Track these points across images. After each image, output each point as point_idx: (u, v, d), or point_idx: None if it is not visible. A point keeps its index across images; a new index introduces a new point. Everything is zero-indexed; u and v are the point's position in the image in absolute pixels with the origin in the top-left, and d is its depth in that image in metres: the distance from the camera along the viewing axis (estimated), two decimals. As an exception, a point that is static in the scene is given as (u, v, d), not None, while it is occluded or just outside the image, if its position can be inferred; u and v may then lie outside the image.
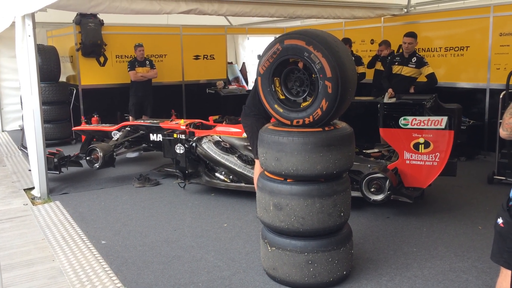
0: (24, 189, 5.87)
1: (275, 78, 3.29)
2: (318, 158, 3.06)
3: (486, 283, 3.33)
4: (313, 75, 3.14)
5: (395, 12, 8.12)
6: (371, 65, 8.03)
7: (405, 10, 8.12)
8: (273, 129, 3.24)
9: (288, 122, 3.25)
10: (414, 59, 6.39)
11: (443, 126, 4.42)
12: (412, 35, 6.43)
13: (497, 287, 2.48)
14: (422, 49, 7.77)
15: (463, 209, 4.86)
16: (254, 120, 4.38)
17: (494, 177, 5.73)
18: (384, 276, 3.46)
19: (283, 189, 3.17)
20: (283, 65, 3.25)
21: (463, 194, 5.36)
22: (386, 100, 5.98)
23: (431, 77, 6.37)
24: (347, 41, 7.80)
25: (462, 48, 7.27)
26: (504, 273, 2.44)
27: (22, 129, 8.23)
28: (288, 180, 3.19)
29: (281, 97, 3.30)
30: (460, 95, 7.16)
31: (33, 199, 5.53)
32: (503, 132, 2.33)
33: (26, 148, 6.69)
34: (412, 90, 6.40)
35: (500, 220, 2.38)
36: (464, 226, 4.41)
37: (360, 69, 7.71)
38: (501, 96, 5.79)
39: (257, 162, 4.75)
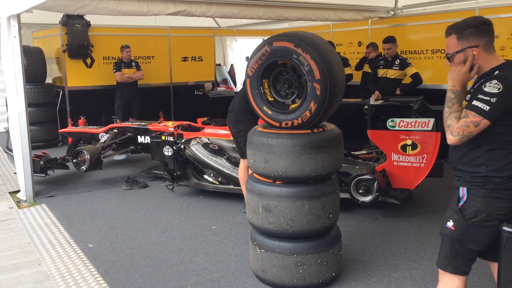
0: (10, 192, 5.79)
1: (263, 80, 3.29)
2: (307, 160, 3.07)
3: (474, 283, 3.36)
4: (302, 77, 3.15)
5: (382, 15, 8.17)
6: (358, 67, 8.09)
7: (392, 12, 8.18)
8: (262, 131, 3.24)
9: (277, 124, 3.25)
10: (397, 61, 6.58)
11: (430, 128, 4.45)
12: (389, 40, 6.62)
13: None
14: (409, 51, 7.84)
15: (450, 210, 4.90)
16: (249, 124, 4.34)
17: (480, 178, 5.78)
18: (373, 277, 3.48)
19: (272, 191, 3.17)
20: (272, 67, 3.26)
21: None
22: (372, 102, 6.03)
23: (416, 76, 6.50)
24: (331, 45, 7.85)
25: (449, 50, 7.34)
26: (444, 280, 2.45)
27: (7, 131, 8.12)
28: (277, 182, 3.19)
29: (270, 99, 3.31)
30: (447, 97, 7.22)
31: (18, 202, 5.45)
32: (453, 138, 2.25)
33: (11, 150, 6.62)
34: (398, 92, 6.47)
35: (450, 223, 2.37)
36: (451, 226, 4.45)
37: (347, 70, 7.75)
38: (486, 98, 5.85)
39: (241, 162, 4.75)
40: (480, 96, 2.17)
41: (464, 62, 2.29)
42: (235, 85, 12.52)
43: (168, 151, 5.59)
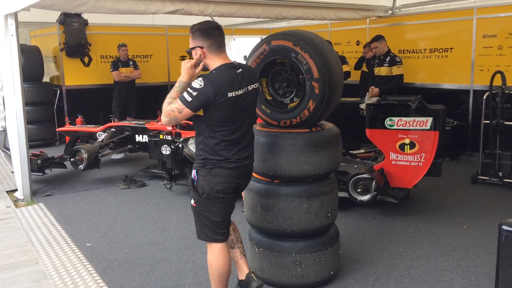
0: (7, 191, 5.77)
1: (262, 79, 3.28)
2: (305, 158, 3.07)
3: (471, 282, 3.37)
4: (300, 76, 3.15)
5: (380, 14, 8.18)
6: (357, 66, 8.09)
7: (390, 12, 8.18)
8: (260, 130, 3.24)
9: (275, 123, 3.25)
10: (388, 59, 6.60)
11: (428, 127, 4.46)
12: (374, 39, 6.72)
13: (208, 262, 2.87)
14: (407, 50, 7.85)
15: (448, 209, 4.91)
16: None
17: (478, 177, 5.81)
18: (371, 276, 3.48)
19: (271, 190, 3.17)
20: (270, 65, 3.25)
21: (447, 194, 5.42)
22: (367, 99, 6.04)
23: (397, 78, 6.53)
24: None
25: (446, 49, 7.36)
26: (209, 247, 2.85)
27: (4, 130, 8.09)
28: (275, 181, 3.19)
29: (268, 97, 3.31)
30: (444, 96, 7.24)
31: (16, 201, 5.44)
32: (163, 119, 2.65)
33: (8, 149, 6.59)
34: (373, 92, 6.35)
35: (192, 201, 2.78)
36: (449, 225, 4.46)
37: (345, 68, 7.75)
38: (484, 97, 5.87)
39: None
40: (188, 88, 2.58)
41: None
42: (233, 84, 12.49)
43: (166, 150, 5.58)
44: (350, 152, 5.41)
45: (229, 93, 2.59)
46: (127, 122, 6.90)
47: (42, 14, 7.22)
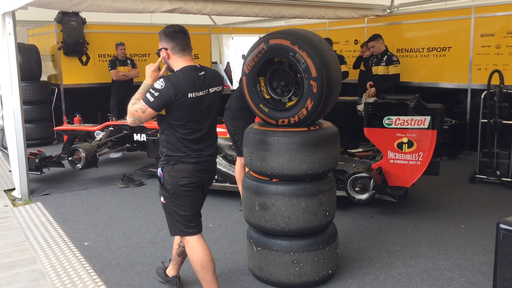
0: (5, 190, 5.76)
1: (260, 78, 3.28)
2: (303, 157, 3.07)
3: (469, 280, 3.37)
4: (298, 75, 3.15)
5: (379, 13, 8.18)
6: (356, 66, 8.09)
7: (388, 11, 8.19)
8: (258, 129, 3.23)
9: (274, 122, 3.24)
10: (385, 58, 6.61)
11: (426, 126, 4.46)
12: (372, 38, 6.72)
13: (189, 257, 2.95)
14: (405, 49, 7.86)
15: (445, 208, 4.92)
16: (246, 122, 4.35)
17: (476, 176, 5.82)
18: (369, 275, 3.48)
19: (269, 189, 3.17)
20: (269, 64, 3.25)
21: (445, 193, 5.43)
22: (364, 99, 6.04)
23: (394, 77, 6.53)
24: (328, 42, 7.86)
25: (444, 48, 7.37)
26: (186, 242, 2.94)
27: (2, 129, 8.07)
28: (273, 180, 3.19)
29: (266, 96, 3.30)
30: (443, 95, 7.24)
31: (13, 200, 5.43)
32: (128, 119, 2.77)
33: (6, 148, 6.57)
34: (370, 92, 6.36)
35: (162, 199, 2.89)
36: (447, 224, 4.46)
37: (343, 68, 7.76)
38: (482, 96, 5.88)
39: (238, 160, 4.76)
40: (150, 89, 2.70)
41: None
42: (231, 83, 12.50)
43: (164, 149, 5.56)
44: (348, 151, 5.41)
45: (189, 94, 2.71)
46: (125, 121, 6.88)
47: (40, 12, 7.19)
